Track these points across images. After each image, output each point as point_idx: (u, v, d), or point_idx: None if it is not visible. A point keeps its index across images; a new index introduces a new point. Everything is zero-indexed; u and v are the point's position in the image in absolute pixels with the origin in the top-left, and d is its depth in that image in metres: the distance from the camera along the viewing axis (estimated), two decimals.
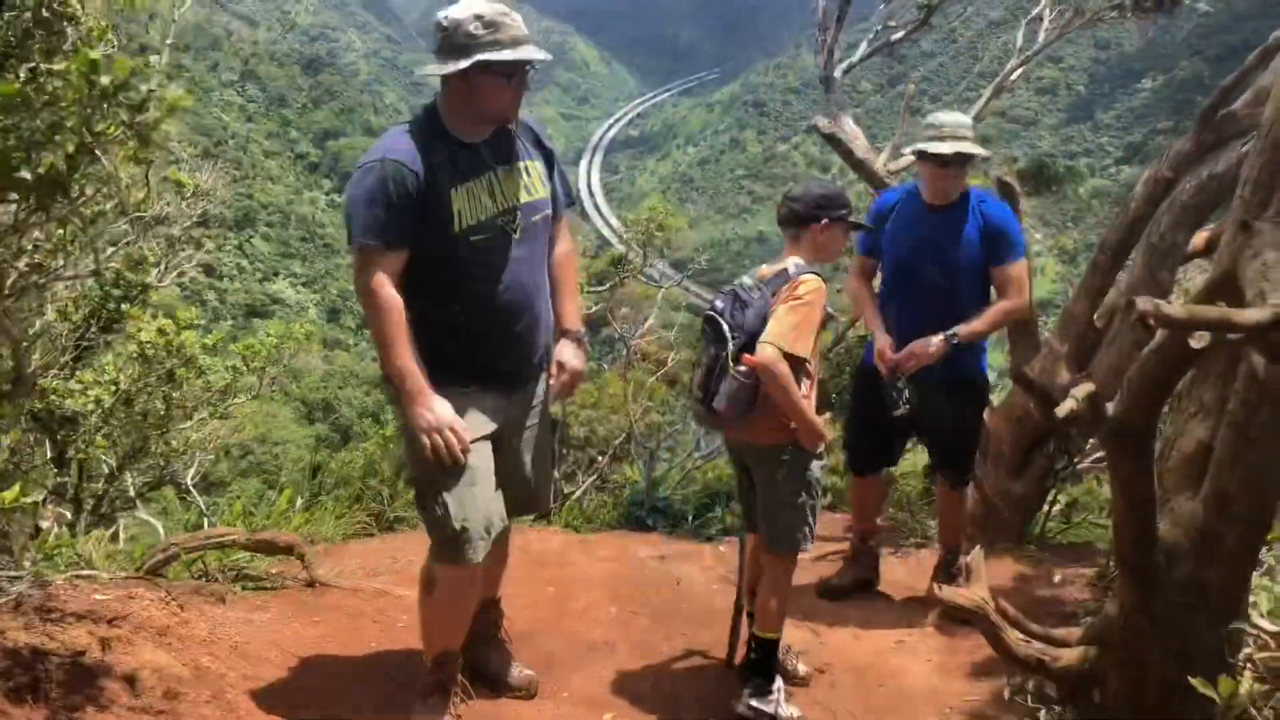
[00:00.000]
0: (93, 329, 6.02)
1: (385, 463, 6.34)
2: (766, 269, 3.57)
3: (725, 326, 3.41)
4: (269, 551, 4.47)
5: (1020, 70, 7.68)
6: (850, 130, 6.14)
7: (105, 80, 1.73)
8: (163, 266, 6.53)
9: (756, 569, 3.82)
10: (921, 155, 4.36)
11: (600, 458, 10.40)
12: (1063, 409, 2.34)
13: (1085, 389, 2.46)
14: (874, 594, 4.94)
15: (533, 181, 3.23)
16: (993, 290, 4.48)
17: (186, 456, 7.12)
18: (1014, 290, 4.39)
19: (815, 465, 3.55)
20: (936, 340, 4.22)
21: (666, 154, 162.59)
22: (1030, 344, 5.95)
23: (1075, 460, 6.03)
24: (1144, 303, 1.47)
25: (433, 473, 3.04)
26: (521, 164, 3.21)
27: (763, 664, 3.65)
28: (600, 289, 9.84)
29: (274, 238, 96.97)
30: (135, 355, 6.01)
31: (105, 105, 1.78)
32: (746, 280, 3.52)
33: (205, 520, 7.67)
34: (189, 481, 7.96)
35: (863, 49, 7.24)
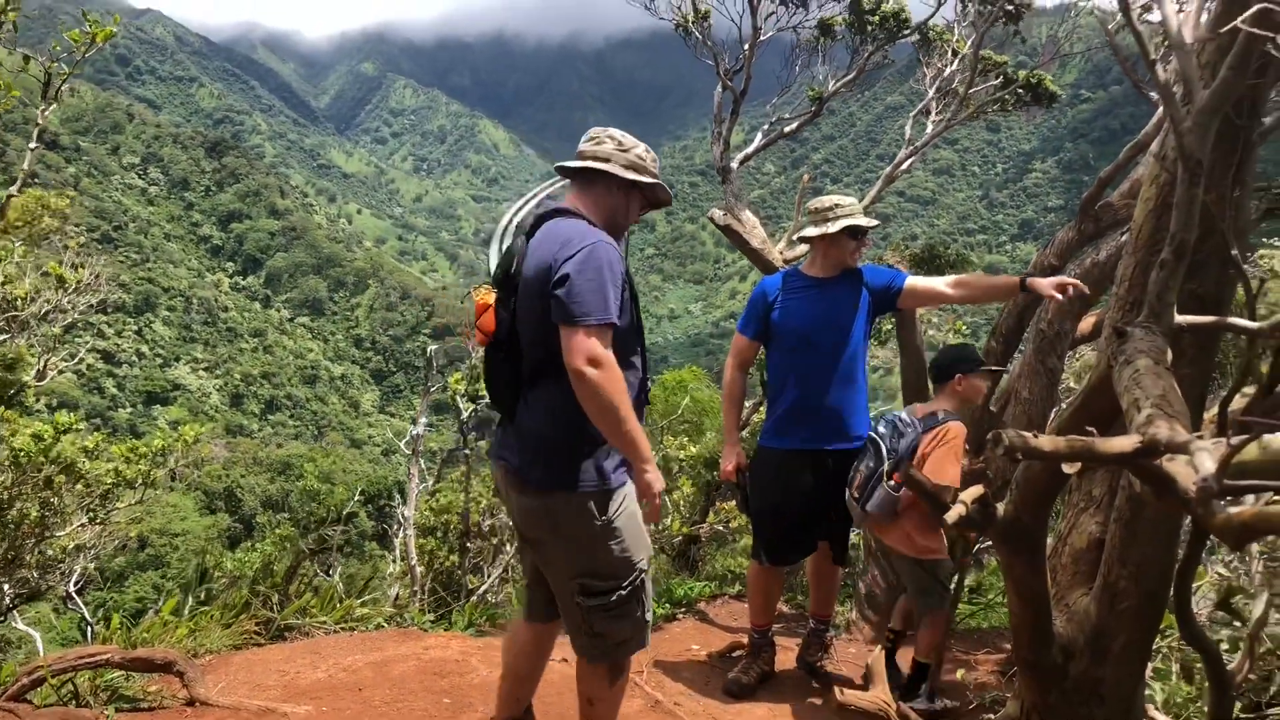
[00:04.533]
0: None
1: (280, 563, 6.07)
2: (922, 407, 4.47)
3: (884, 449, 4.32)
4: (146, 669, 4.22)
5: (910, 160, 7.90)
6: (748, 221, 6.18)
7: None
8: (42, 364, 6.24)
9: (908, 613, 4.92)
10: (810, 239, 4.63)
11: (507, 546, 10.14)
12: (952, 515, 2.32)
13: (973, 492, 2.45)
14: (779, 687, 4.84)
15: None
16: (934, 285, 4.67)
17: (65, 565, 6.73)
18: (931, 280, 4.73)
19: (947, 565, 4.58)
20: None
21: None
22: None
23: (978, 544, 6.06)
24: (1010, 435, 1.45)
25: (639, 574, 3.16)
26: None
27: (917, 678, 4.64)
28: None
29: (175, 322, 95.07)
30: (8, 462, 5.68)
31: None
32: (904, 415, 4.44)
33: (88, 628, 7.28)
34: (71, 588, 7.56)
35: (758, 140, 7.36)
